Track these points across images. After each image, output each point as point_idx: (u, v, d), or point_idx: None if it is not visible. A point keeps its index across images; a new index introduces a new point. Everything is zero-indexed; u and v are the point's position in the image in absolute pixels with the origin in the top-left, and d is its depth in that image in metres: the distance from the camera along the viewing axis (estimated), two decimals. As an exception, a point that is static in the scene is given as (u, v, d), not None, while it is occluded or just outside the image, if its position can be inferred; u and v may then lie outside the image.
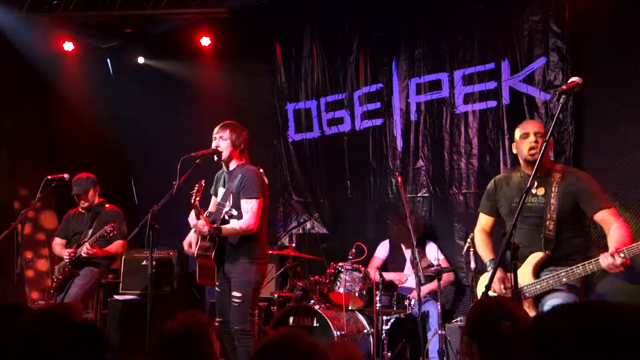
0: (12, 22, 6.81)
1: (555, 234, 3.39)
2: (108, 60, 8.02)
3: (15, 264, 4.72)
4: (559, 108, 2.96)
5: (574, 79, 2.97)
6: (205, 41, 7.10)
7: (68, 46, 7.32)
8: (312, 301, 5.05)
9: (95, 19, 7.05)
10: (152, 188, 7.52)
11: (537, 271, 3.41)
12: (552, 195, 3.42)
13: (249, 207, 3.94)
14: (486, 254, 3.74)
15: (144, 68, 7.68)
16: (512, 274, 2.78)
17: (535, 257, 3.41)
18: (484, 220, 3.85)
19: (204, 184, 3.84)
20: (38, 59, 7.17)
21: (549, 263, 3.40)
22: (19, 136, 7.53)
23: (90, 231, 5.22)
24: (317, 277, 5.13)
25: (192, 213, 3.78)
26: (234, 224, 3.97)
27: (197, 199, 3.78)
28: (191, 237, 4.11)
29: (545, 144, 2.95)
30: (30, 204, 6.20)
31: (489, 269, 3.64)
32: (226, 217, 4.04)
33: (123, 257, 6.52)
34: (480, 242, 3.81)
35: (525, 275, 3.38)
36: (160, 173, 7.44)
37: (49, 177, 5.16)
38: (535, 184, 3.46)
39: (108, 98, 7.68)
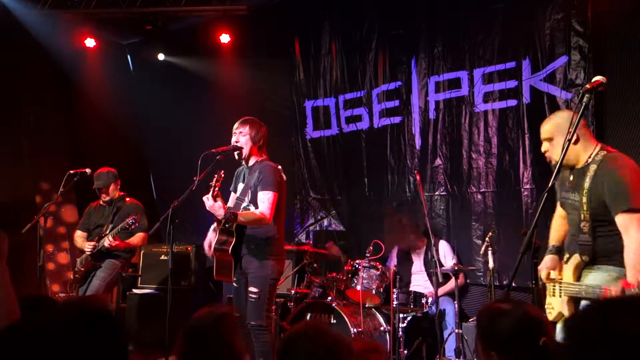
0: (36, 19, 6.88)
1: (590, 236, 3.09)
2: (128, 56, 8.08)
3: (37, 257, 4.78)
4: (582, 107, 2.91)
5: (598, 77, 2.92)
6: (225, 38, 7.12)
7: (90, 43, 7.38)
8: (329, 298, 5.06)
9: (116, 15, 7.10)
10: (170, 184, 7.60)
11: (578, 274, 3.17)
12: (584, 192, 3.11)
13: (265, 197, 3.95)
14: (551, 238, 3.47)
15: (163, 64, 7.72)
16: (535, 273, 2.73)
17: (574, 260, 3.18)
18: (559, 209, 3.55)
19: (223, 175, 3.85)
20: (60, 55, 7.25)
21: (588, 264, 3.14)
22: (42, 131, 7.62)
23: (111, 224, 5.27)
24: (334, 274, 5.14)
25: (209, 195, 3.78)
26: (249, 211, 3.98)
27: (217, 188, 3.79)
28: (210, 237, 4.12)
29: (568, 143, 2.90)
30: (51, 198, 6.30)
31: (548, 254, 3.38)
32: (244, 212, 4.04)
33: (142, 252, 6.58)
34: (553, 225, 3.52)
35: (567, 273, 3.19)
36: (179, 169, 7.51)
37: (71, 171, 5.22)
38: (569, 180, 3.27)
39: (128, 94, 7.74)
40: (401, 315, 4.85)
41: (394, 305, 4.78)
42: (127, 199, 5.48)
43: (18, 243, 6.18)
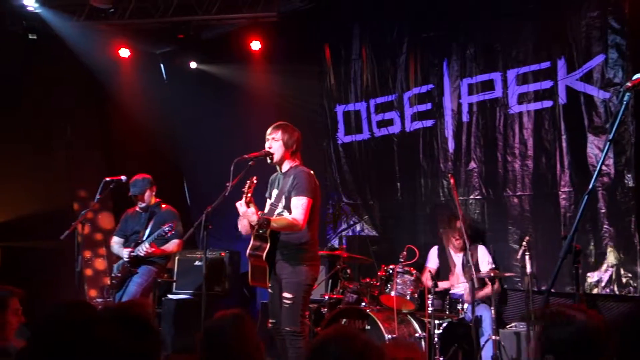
0: (73, 30, 7.05)
1: None
2: (161, 65, 8.21)
3: (75, 263, 4.86)
4: (623, 107, 2.82)
5: (638, 76, 2.83)
6: (256, 45, 7.18)
7: (124, 53, 7.52)
8: (363, 304, 5.02)
9: (149, 25, 7.23)
10: (204, 190, 7.67)
11: None
12: None
13: (299, 203, 3.95)
14: None
15: (196, 73, 7.82)
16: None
17: None
18: None
19: (255, 181, 3.86)
20: (96, 65, 7.42)
21: None
22: (78, 140, 7.80)
23: (147, 231, 5.34)
24: (367, 279, 5.10)
25: (242, 201, 3.79)
26: (283, 217, 3.98)
27: (249, 194, 3.80)
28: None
29: (608, 144, 2.82)
30: (89, 205, 6.42)
31: None
32: (278, 218, 4.04)
33: (177, 257, 6.65)
34: None
35: None
36: (212, 175, 7.55)
37: (107, 179, 5.30)
38: None
39: (162, 102, 7.87)
40: (436, 322, 4.78)
41: (429, 311, 4.71)
42: (163, 206, 5.54)
43: (56, 250, 6.43)
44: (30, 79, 7.16)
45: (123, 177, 5.37)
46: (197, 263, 6.61)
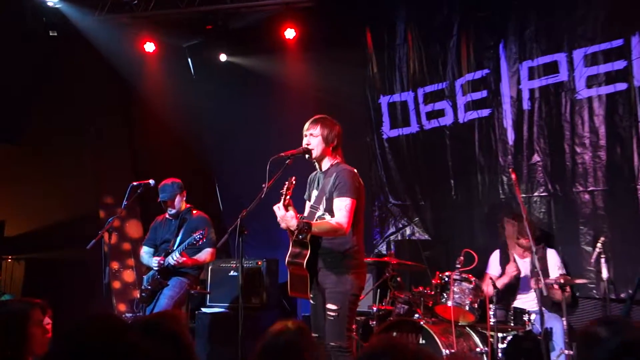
0: (94, 25, 7.19)
1: None
2: (189, 59, 8.29)
3: (102, 275, 4.92)
4: None
5: None
6: (290, 33, 7.16)
7: (149, 47, 7.62)
8: (416, 315, 4.95)
9: (175, 16, 7.31)
10: (237, 193, 7.72)
11: None
12: None
13: (342, 204, 3.89)
14: None
15: (226, 66, 7.87)
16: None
17: None
18: None
19: (294, 181, 3.82)
20: (120, 61, 7.56)
21: None
22: (103, 142, 7.95)
23: (178, 239, 5.37)
24: (420, 288, 5.02)
25: (280, 204, 3.75)
26: (325, 221, 3.92)
27: (288, 196, 3.76)
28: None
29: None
30: (115, 212, 6.52)
31: None
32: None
33: (210, 267, 6.69)
34: None
35: None
36: (246, 176, 7.58)
37: (134, 183, 5.35)
38: None
39: (190, 99, 7.96)
40: (500, 335, 4.65)
41: (492, 323, 4.59)
42: (194, 212, 5.57)
43: (82, 261, 6.54)
44: (51, 78, 7.32)
45: (151, 181, 5.41)
46: (232, 273, 6.63)
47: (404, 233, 6.61)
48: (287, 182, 3.82)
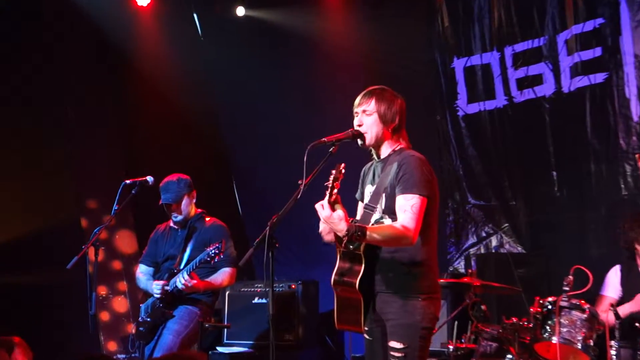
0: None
1: None
2: (195, 16, 8.34)
3: (88, 303, 4.97)
4: None
5: None
6: (331, -23, 7.19)
7: (142, 0, 7.67)
8: (509, 356, 4.93)
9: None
10: (261, 191, 7.76)
11: None
12: None
13: (408, 204, 3.84)
14: None
15: (245, 23, 7.91)
16: None
17: None
18: None
19: (343, 169, 3.78)
20: (106, 20, 7.61)
21: None
22: (84, 129, 8.02)
23: (186, 255, 5.38)
24: (513, 319, 4.99)
25: (324, 201, 3.73)
26: (384, 225, 3.89)
27: (335, 190, 3.73)
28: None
29: None
30: (102, 220, 6.58)
31: None
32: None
33: (227, 293, 6.73)
34: None
35: None
36: (273, 169, 7.60)
37: (127, 181, 5.38)
38: None
39: (197, 68, 8.00)
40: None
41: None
42: (207, 219, 5.58)
43: (62, 284, 6.60)
44: (19, 44, 7.39)
45: (149, 178, 5.44)
46: (256, 300, 6.67)
47: (489, 244, 6.62)
48: (334, 171, 3.79)
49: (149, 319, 5.35)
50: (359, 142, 4.05)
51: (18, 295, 7.05)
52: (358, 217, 4.11)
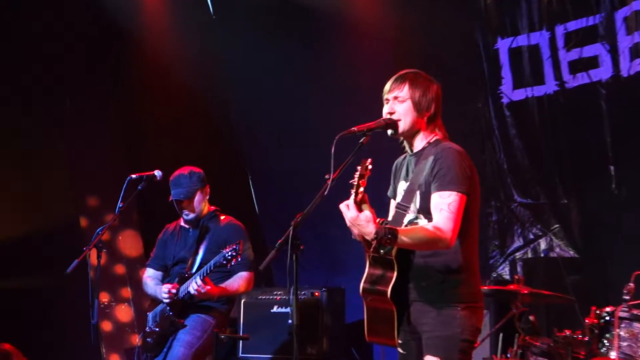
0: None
1: None
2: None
3: (90, 312, 5.00)
4: None
5: None
6: (359, -53, 7.20)
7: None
8: (562, 373, 4.91)
9: None
10: (280, 186, 7.77)
11: None
12: None
13: (445, 202, 3.82)
14: None
15: (262, 1, 7.90)
16: None
17: None
18: None
19: (370, 165, 3.78)
20: (107, 2, 7.68)
21: None
22: (84, 119, 8.08)
23: (199, 257, 5.41)
24: (566, 331, 5.00)
25: (350, 201, 3.73)
26: (418, 226, 3.89)
27: (361, 188, 3.73)
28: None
29: None
30: (103, 220, 6.62)
31: None
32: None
33: (242, 301, 6.75)
34: None
35: None
36: (294, 162, 7.62)
37: (133, 176, 5.41)
38: None
39: (210, 52, 8.04)
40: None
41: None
42: (222, 217, 5.61)
43: (61, 290, 6.61)
44: (13, 27, 7.47)
45: (157, 172, 5.48)
46: (275, 309, 6.70)
47: (537, 248, 6.62)
48: (359, 168, 3.79)
49: (157, 329, 5.38)
50: (390, 131, 4.03)
51: (13, 301, 7.10)
52: (390, 217, 4.12)
